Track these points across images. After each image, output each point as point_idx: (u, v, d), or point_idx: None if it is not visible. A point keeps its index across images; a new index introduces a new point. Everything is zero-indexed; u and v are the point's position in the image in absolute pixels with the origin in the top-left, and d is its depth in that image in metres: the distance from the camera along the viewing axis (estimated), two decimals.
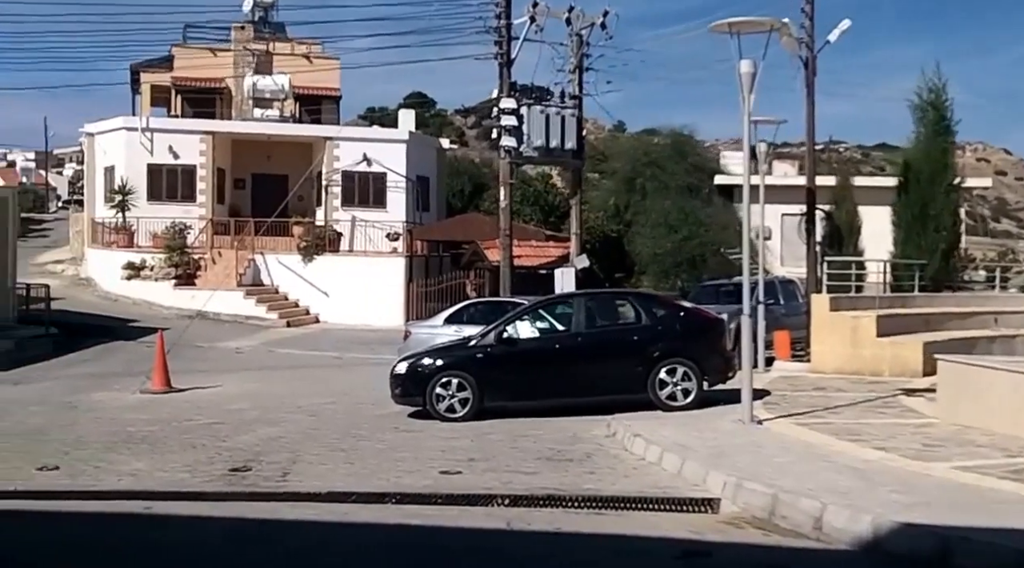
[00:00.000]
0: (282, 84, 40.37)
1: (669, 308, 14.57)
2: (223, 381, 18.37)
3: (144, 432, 12.73)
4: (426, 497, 8.50)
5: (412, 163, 37.77)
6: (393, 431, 12.63)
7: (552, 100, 23.92)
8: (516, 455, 10.57)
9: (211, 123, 38.12)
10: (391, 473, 9.75)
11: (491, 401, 13.56)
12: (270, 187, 37.90)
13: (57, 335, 24.40)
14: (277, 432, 12.57)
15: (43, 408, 15.16)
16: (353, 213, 36.02)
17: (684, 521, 7.70)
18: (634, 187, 37.05)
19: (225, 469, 10.07)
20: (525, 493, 8.54)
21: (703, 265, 32.67)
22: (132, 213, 34.25)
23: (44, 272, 36.46)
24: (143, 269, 32.74)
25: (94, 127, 38.26)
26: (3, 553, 7.15)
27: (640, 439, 10.68)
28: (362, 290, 32.31)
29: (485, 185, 56.14)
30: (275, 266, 33.47)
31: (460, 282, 31.97)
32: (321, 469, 10.05)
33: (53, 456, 11.05)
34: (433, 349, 14.63)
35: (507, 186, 24.08)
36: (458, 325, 18.05)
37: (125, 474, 9.98)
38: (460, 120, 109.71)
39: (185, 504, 8.58)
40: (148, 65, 44.46)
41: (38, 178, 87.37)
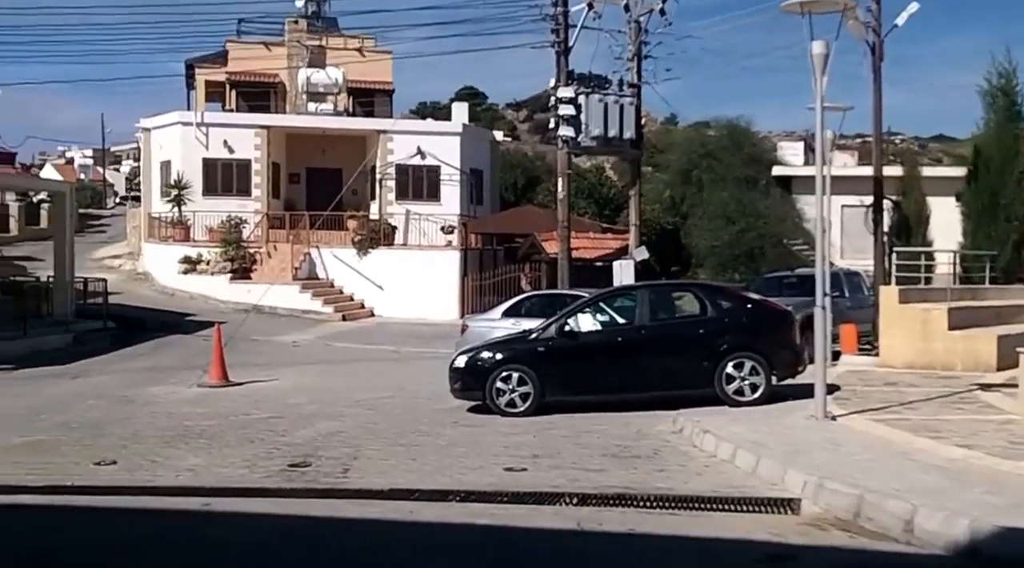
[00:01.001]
0: (336, 78, 40.34)
1: (736, 300, 14.10)
2: (280, 375, 18.26)
3: (201, 426, 12.59)
4: (491, 495, 8.19)
5: (466, 156, 37.52)
6: (453, 426, 12.35)
7: (610, 89, 23.48)
8: (581, 452, 10.22)
9: (266, 117, 38.21)
10: (454, 470, 9.46)
11: (552, 396, 13.22)
12: (325, 181, 37.94)
13: (114, 329, 24.56)
14: (336, 427, 12.35)
15: (101, 402, 15.13)
16: (407, 207, 35.87)
17: (764, 522, 7.31)
18: (690, 179, 36.46)
19: (284, 465, 9.85)
20: (594, 492, 8.19)
21: (761, 257, 32.03)
22: (188, 208, 34.44)
23: (102, 267, 36.82)
24: (199, 263, 32.88)
25: (150, 122, 38.57)
26: (61, 550, 6.98)
27: (710, 435, 10.28)
28: (417, 284, 32.13)
29: (538, 178, 55.82)
30: (330, 260, 33.43)
31: (515, 275, 31.68)
32: (382, 465, 9.79)
33: (111, 450, 10.94)
34: (492, 343, 14.33)
35: (565, 177, 23.68)
36: (516, 318, 17.72)
37: (183, 470, 9.81)
38: (512, 114, 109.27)
39: (244, 501, 8.37)
40: (202, 60, 44.75)
41: (95, 175, 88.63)
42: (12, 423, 13.18)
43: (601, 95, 23.04)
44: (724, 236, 32.68)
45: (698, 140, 39.32)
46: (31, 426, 12.89)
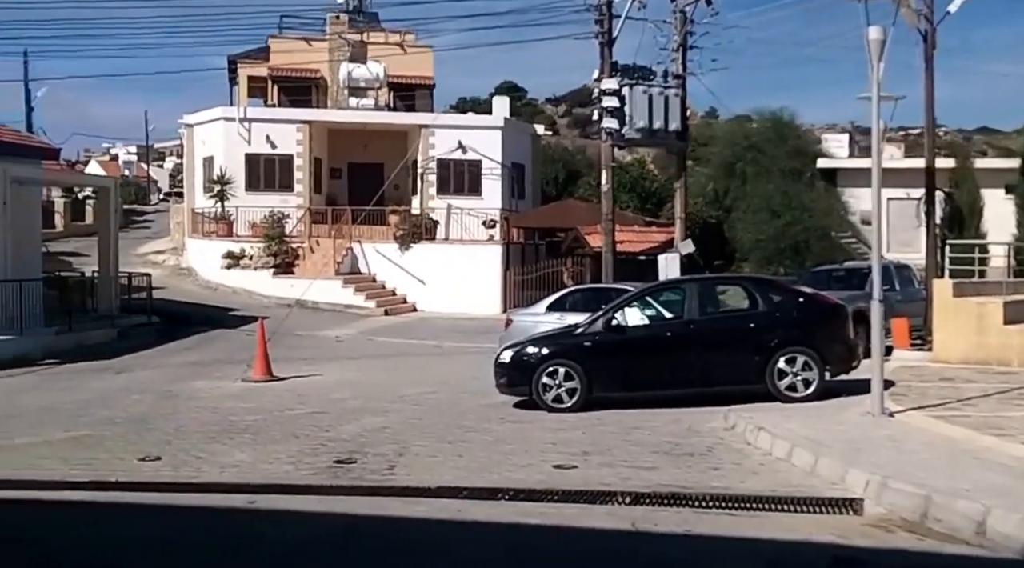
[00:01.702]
0: (377, 73, 40.30)
1: (787, 293, 13.74)
2: (323, 370, 18.17)
3: (246, 422, 12.50)
4: (541, 493, 7.96)
5: (507, 150, 37.34)
6: (499, 422, 12.15)
7: (655, 80, 23.12)
8: (631, 448, 9.97)
9: (308, 112, 38.26)
10: (502, 467, 9.25)
11: (599, 391, 12.97)
12: (366, 176, 37.94)
13: (159, 324, 24.66)
14: (381, 422, 12.21)
15: (145, 396, 15.12)
16: (448, 201, 35.76)
17: (826, 523, 7.02)
18: (734, 172, 35.96)
19: (330, 461, 9.70)
20: (647, 490, 7.94)
21: (807, 251, 31.52)
22: (231, 203, 34.56)
23: (146, 262, 37.12)
24: (242, 258, 32.99)
25: (193, 118, 38.77)
26: (104, 548, 6.87)
27: (764, 433, 9.98)
28: (459, 278, 32.01)
29: (579, 172, 55.45)
30: (372, 255, 33.40)
31: (557, 270, 31.44)
32: (428, 462, 9.61)
33: (155, 446, 10.87)
34: (538, 337, 14.09)
35: (609, 169, 23.37)
36: (560, 312, 17.48)
37: (228, 466, 9.69)
38: (551, 109, 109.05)
39: (290, 498, 8.22)
40: (245, 56, 45.01)
41: (139, 171, 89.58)
42: (57, 417, 13.19)
43: (646, 86, 22.69)
44: (769, 230, 32.19)
45: (741, 132, 38.79)
46: (76, 421, 12.89)
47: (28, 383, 16.94)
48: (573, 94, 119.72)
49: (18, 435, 11.85)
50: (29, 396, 15.39)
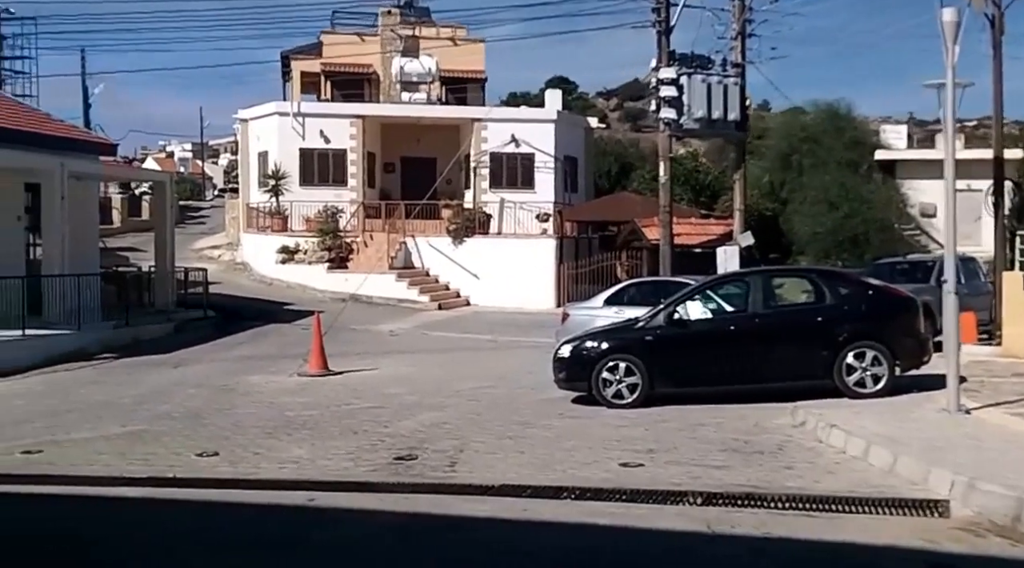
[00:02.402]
0: (429, 67, 40.22)
1: (856, 286, 13.28)
2: (379, 364, 18.04)
3: (303, 417, 12.37)
4: (608, 492, 7.68)
5: (560, 143, 37.01)
6: (559, 418, 11.88)
7: (713, 69, 22.64)
8: (698, 446, 9.64)
9: (361, 107, 38.25)
10: (566, 464, 8.98)
11: (660, 387, 12.63)
12: (419, 170, 37.85)
13: (214, 318, 24.72)
14: (439, 417, 12.00)
15: (201, 391, 15.08)
16: (501, 195, 35.53)
17: (911, 526, 6.66)
18: (789, 164, 35.31)
19: (389, 457, 9.51)
20: (720, 490, 7.62)
21: (866, 244, 30.82)
22: (285, 197, 34.65)
23: (202, 257, 37.38)
24: (297, 253, 33.07)
25: (247, 113, 38.96)
26: (164, 546, 6.72)
27: (837, 430, 9.60)
28: (512, 272, 31.77)
29: (631, 165, 55.00)
30: (426, 249, 33.30)
31: (610, 263, 31.09)
32: (490, 458, 9.37)
33: (212, 441, 10.77)
34: (597, 331, 13.80)
35: (667, 160, 22.94)
36: (619, 306, 17.14)
37: (286, 462, 9.54)
38: (603, 102, 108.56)
39: (350, 496, 8.02)
40: (298, 52, 45.24)
41: (195, 167, 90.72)
42: (115, 412, 13.18)
43: (704, 75, 22.22)
44: (826, 222, 31.51)
45: (797, 124, 38.10)
46: (133, 415, 12.86)
47: (85, 377, 17.01)
48: (625, 88, 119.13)
49: (75, 429, 11.83)
50: (86, 390, 15.43)
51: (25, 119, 23.55)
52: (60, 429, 11.84)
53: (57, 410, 13.46)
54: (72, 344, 18.74)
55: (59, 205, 19.91)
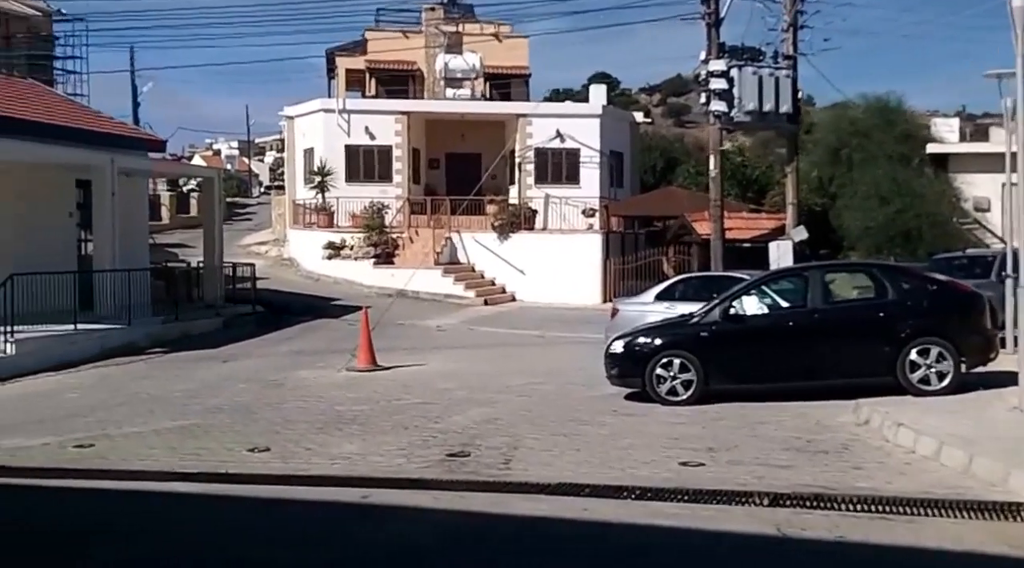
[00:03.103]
0: (473, 63, 40.10)
1: (919, 281, 12.88)
2: (427, 359, 17.91)
3: (353, 412, 12.25)
4: (671, 492, 7.43)
5: (606, 138, 36.69)
6: (613, 415, 11.64)
7: (764, 61, 22.20)
8: (760, 445, 9.36)
9: (406, 103, 38.21)
10: (624, 463, 8.74)
11: (716, 384, 12.35)
12: (464, 166, 37.77)
13: (262, 313, 24.75)
14: (490, 413, 11.82)
15: (251, 385, 15.02)
16: (546, 190, 35.30)
17: (996, 531, 6.34)
18: (839, 158, 34.68)
19: (442, 454, 9.33)
20: (787, 491, 7.35)
21: (919, 239, 30.17)
22: (331, 194, 34.69)
23: (249, 253, 37.55)
24: (343, 248, 33.08)
25: (293, 110, 39.08)
26: (215, 544, 6.59)
27: (905, 429, 9.26)
28: (558, 268, 31.56)
29: (677, 160, 54.52)
30: (471, 244, 33.17)
31: (657, 259, 30.75)
32: (545, 456, 9.16)
33: (263, 436, 10.67)
34: (650, 327, 13.52)
35: (717, 154, 22.55)
36: (670, 302, 16.82)
37: (338, 457, 9.40)
38: (645, 98, 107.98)
39: (404, 493, 7.84)
40: (342, 49, 45.40)
41: (241, 165, 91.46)
42: (166, 406, 13.15)
43: (755, 68, 21.78)
44: (878, 217, 30.92)
45: (846, 118, 37.43)
46: (184, 409, 12.82)
47: (136, 371, 17.05)
48: (667, 83, 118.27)
49: (127, 424, 11.81)
50: (137, 384, 15.45)
51: (77, 116, 23.74)
52: (112, 423, 11.82)
53: (109, 404, 13.47)
54: (123, 338, 18.81)
55: (110, 201, 20.01)
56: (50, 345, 17.09)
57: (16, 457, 9.90)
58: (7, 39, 36.62)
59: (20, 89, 24.07)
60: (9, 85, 23.88)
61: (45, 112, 22.40)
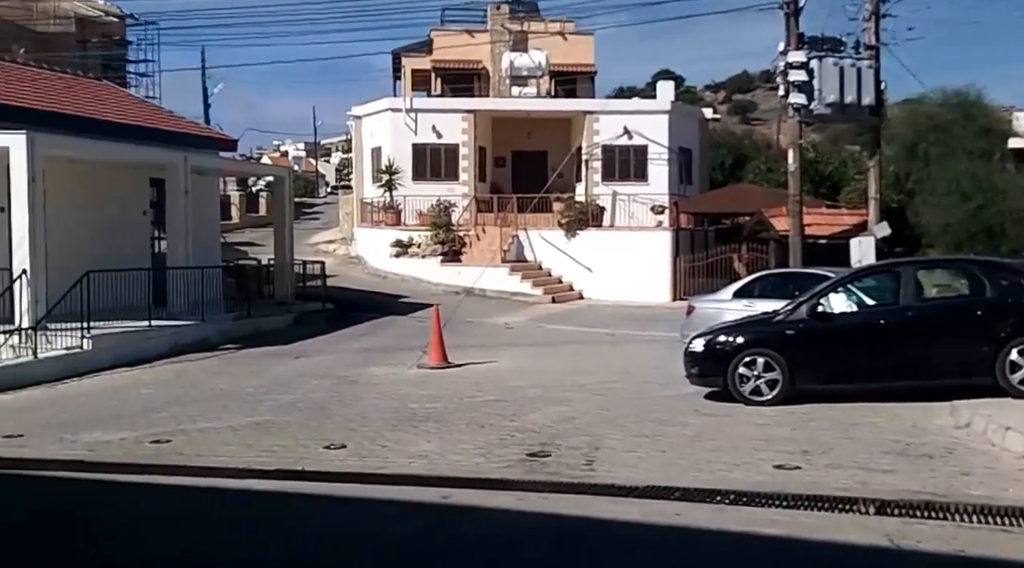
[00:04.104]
0: (539, 61, 39.83)
1: (1019, 277, 12.25)
2: (497, 356, 17.66)
3: (427, 409, 12.05)
4: (768, 497, 7.05)
5: (674, 134, 36.11)
6: (695, 415, 11.25)
7: (845, 51, 21.53)
8: (856, 447, 8.91)
9: (473, 101, 38.06)
10: (713, 465, 8.37)
11: (802, 383, 11.87)
12: (530, 164, 37.55)
13: (332, 310, 24.76)
14: (567, 412, 11.52)
15: (323, 382, 14.92)
16: (613, 187, 34.87)
17: None
18: (915, 154, 33.61)
19: (522, 453, 9.05)
20: (894, 498, 6.91)
21: (1002, 236, 29.13)
22: (398, 192, 34.68)
23: (317, 252, 37.74)
24: (410, 246, 33.03)
25: (361, 110, 39.18)
26: (293, 546, 6.38)
27: (1014, 433, 8.74)
28: (626, 265, 31.11)
29: (746, 157, 53.69)
30: (538, 242, 32.87)
31: (727, 256, 30.14)
32: (628, 457, 8.83)
33: (338, 433, 10.51)
34: (731, 325, 13.08)
35: (796, 148, 21.93)
36: (748, 299, 16.36)
37: (415, 456, 9.17)
38: (710, 96, 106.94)
39: (486, 493, 7.58)
40: (408, 50, 45.49)
41: (308, 165, 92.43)
42: (240, 402, 13.09)
43: (836, 58, 21.14)
44: (958, 213, 29.88)
45: (923, 112, 36.37)
46: (258, 406, 12.74)
47: (210, 367, 17.08)
48: (732, 81, 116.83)
49: (202, 419, 11.74)
50: (211, 380, 15.46)
51: (151, 116, 24.01)
52: (187, 419, 11.76)
53: (183, 399, 13.45)
54: (196, 335, 18.89)
55: (183, 199, 20.12)
56: (126, 341, 17.22)
57: (95, 452, 9.87)
58: (83, 43, 37.25)
59: (96, 90, 24.41)
60: (86, 86, 24.21)
61: (120, 112, 22.69)
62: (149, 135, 21.71)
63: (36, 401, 13.99)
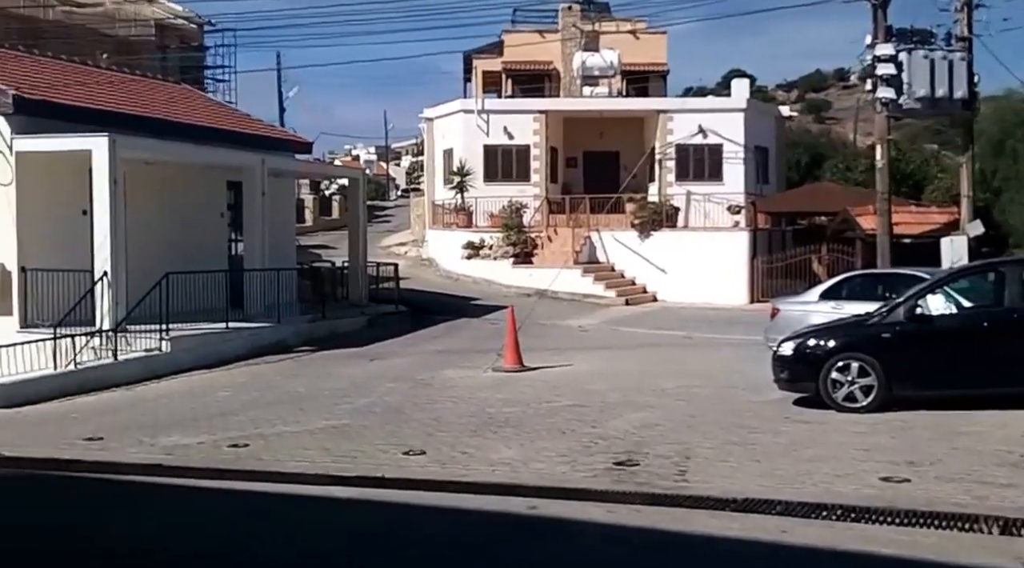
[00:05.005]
0: (611, 60, 39.38)
1: None
2: (572, 359, 17.32)
3: (505, 414, 11.76)
4: (880, 513, 6.58)
5: (750, 132, 35.37)
6: (786, 422, 10.79)
7: (935, 43, 20.72)
8: (966, 458, 8.38)
9: (544, 102, 37.78)
10: (814, 476, 7.92)
11: (900, 390, 11.30)
12: (601, 164, 37.15)
13: (405, 312, 24.65)
14: (650, 418, 11.14)
15: (399, 384, 14.74)
16: (687, 187, 34.27)
17: None
18: (1002, 151, 32.51)
19: (608, 462, 8.70)
20: (1020, 516, 6.39)
21: None
22: (470, 194, 34.52)
23: (388, 254, 37.78)
24: (482, 248, 32.83)
25: (432, 112, 39.15)
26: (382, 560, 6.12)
27: None
28: (701, 267, 30.51)
29: (823, 156, 52.53)
30: (610, 243, 32.41)
31: (806, 257, 29.36)
32: (722, 467, 8.42)
33: (417, 438, 10.28)
34: (821, 328, 12.57)
35: (884, 143, 21.16)
36: (836, 301, 15.80)
37: (497, 463, 8.88)
38: (783, 95, 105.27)
39: (574, 505, 7.24)
40: (479, 52, 45.38)
41: (378, 169, 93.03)
42: (316, 405, 12.96)
43: (926, 51, 20.35)
44: None
45: (1010, 108, 35.11)
46: (334, 409, 12.59)
47: (286, 369, 17.03)
48: (804, 79, 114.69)
49: (280, 423, 11.62)
50: (288, 382, 15.38)
51: (228, 119, 24.17)
52: (265, 422, 11.65)
53: (260, 402, 13.37)
54: (272, 337, 18.89)
55: (260, 201, 20.15)
56: (204, 343, 17.26)
57: (174, 456, 9.78)
58: (162, 48, 37.80)
59: (175, 93, 24.66)
60: (165, 90, 24.47)
61: (198, 115, 22.86)
62: (227, 137, 21.83)
63: (116, 403, 14.05)
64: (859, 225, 25.14)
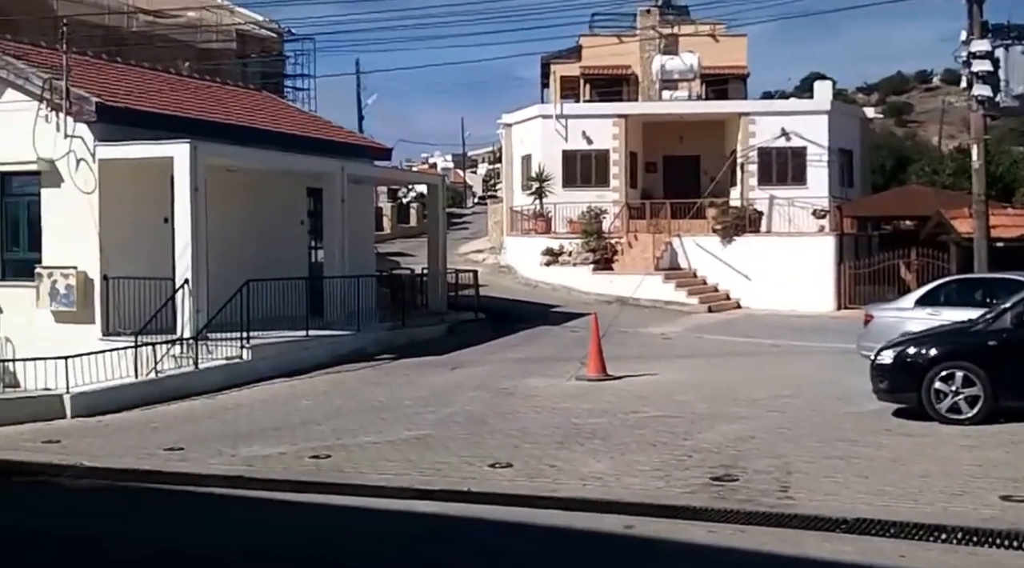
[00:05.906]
0: (691, 64, 38.76)
1: None
2: (657, 368, 16.84)
3: (591, 424, 11.42)
4: (1004, 536, 6.11)
5: (835, 135, 34.46)
6: (887, 434, 10.26)
7: None
8: None
9: (623, 106, 37.33)
10: (927, 494, 7.44)
11: (1007, 400, 10.70)
12: (682, 168, 36.56)
13: (485, 320, 24.43)
14: (743, 430, 10.69)
15: (481, 393, 14.49)
16: (770, 192, 33.51)
17: None
18: None
19: (705, 477, 8.32)
20: None
21: None
22: (548, 200, 34.23)
23: (466, 261, 37.67)
24: (561, 255, 32.49)
25: (511, 118, 38.97)
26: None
27: None
28: (786, 273, 29.71)
29: (909, 159, 51.18)
30: (692, 249, 31.79)
31: (893, 262, 28.40)
32: (826, 484, 7.97)
33: (502, 450, 10.00)
34: (922, 336, 11.98)
35: (981, 143, 20.31)
36: (933, 307, 15.09)
37: (587, 477, 8.56)
38: (863, 98, 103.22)
39: (672, 524, 6.88)
40: (557, 57, 45.13)
41: (455, 177, 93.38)
42: (398, 415, 12.77)
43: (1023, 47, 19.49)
44: None
45: None
46: (417, 418, 12.38)
47: (366, 378, 16.91)
48: (885, 82, 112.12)
49: (362, 433, 11.45)
50: (368, 391, 15.24)
51: (308, 126, 24.26)
52: (346, 432, 11.49)
53: (342, 411, 13.24)
54: (352, 344, 18.80)
55: (339, 208, 20.13)
56: (284, 351, 17.22)
57: (254, 467, 9.65)
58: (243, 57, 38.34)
59: (255, 100, 24.86)
60: (246, 97, 24.69)
61: (278, 122, 22.98)
62: (306, 144, 21.89)
63: (196, 412, 14.03)
64: (954, 228, 24.20)
